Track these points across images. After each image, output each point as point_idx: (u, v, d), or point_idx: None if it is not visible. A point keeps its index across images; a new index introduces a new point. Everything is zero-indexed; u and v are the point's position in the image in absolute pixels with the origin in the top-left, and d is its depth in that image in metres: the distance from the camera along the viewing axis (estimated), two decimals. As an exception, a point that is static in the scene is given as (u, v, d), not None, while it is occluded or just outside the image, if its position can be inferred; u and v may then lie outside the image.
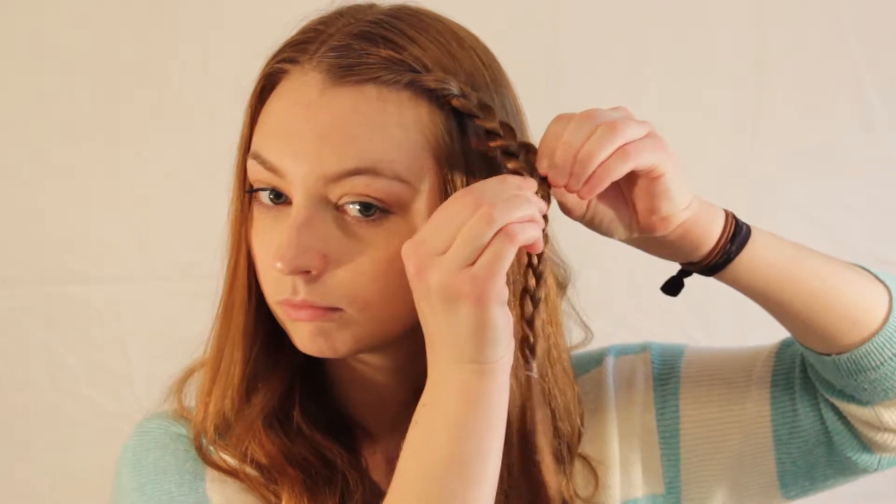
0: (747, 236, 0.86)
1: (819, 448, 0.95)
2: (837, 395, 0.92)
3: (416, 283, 0.76)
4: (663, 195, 0.81)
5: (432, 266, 0.75)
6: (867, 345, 0.88)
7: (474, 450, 0.76)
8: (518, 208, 0.75)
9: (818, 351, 0.90)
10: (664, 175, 0.80)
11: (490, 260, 0.74)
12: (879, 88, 1.54)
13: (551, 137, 0.80)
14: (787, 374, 0.96)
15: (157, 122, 1.53)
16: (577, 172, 0.78)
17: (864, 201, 1.56)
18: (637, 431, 0.98)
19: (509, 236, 0.74)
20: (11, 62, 1.52)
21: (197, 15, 1.53)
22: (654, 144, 0.79)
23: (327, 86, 0.80)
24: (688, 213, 0.83)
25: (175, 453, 0.90)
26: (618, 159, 0.78)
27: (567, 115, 0.81)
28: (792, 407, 0.95)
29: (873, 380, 0.88)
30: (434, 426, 0.77)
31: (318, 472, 0.88)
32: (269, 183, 0.82)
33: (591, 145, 0.78)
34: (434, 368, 0.78)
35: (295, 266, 0.80)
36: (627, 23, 1.55)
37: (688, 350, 1.01)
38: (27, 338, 1.54)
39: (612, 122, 0.78)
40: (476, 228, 0.74)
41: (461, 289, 0.74)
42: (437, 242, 0.75)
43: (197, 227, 1.49)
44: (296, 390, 0.90)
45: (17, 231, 1.54)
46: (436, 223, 0.76)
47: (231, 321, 0.89)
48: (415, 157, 0.80)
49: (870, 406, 0.90)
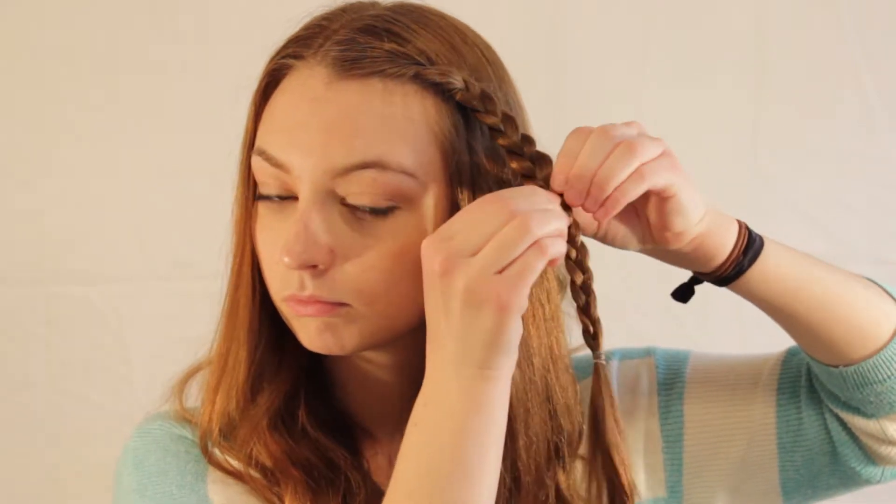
0: (760, 248, 0.86)
1: (823, 458, 0.95)
2: (843, 406, 0.92)
3: (438, 281, 0.75)
4: (676, 212, 0.81)
5: (460, 267, 0.74)
6: (875, 358, 0.88)
7: (477, 453, 0.76)
8: (550, 222, 0.76)
9: (825, 362, 0.90)
10: (677, 194, 0.80)
11: (520, 270, 0.74)
12: (879, 88, 1.54)
13: (567, 155, 0.79)
14: (792, 382, 0.96)
15: (157, 122, 1.53)
16: (594, 194, 0.78)
17: (864, 201, 1.56)
18: (640, 436, 0.98)
19: (541, 249, 0.75)
20: (11, 62, 1.52)
21: (197, 15, 1.53)
22: (668, 164, 0.79)
23: (333, 79, 0.80)
24: (701, 226, 0.83)
25: (176, 455, 0.89)
26: (633, 181, 0.78)
27: (583, 130, 0.80)
28: (797, 416, 0.95)
29: (879, 393, 0.89)
30: (437, 428, 0.77)
31: (321, 473, 0.88)
32: (274, 179, 0.82)
33: (609, 168, 0.77)
34: (435, 368, 0.78)
35: (303, 260, 0.80)
36: (628, 23, 1.55)
37: (692, 356, 1.01)
38: (27, 338, 1.54)
39: (630, 143, 0.78)
40: (511, 237, 0.74)
41: (488, 295, 0.74)
42: (466, 243, 0.75)
43: (197, 227, 1.49)
44: (301, 391, 0.90)
45: (17, 231, 1.54)
46: (464, 223, 0.76)
47: (236, 320, 0.88)
48: (421, 150, 0.80)
49: (875, 419, 0.91)
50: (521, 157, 0.82)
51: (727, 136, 1.56)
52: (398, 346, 0.87)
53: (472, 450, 0.76)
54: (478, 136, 0.82)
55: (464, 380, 0.76)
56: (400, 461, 0.78)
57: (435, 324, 0.77)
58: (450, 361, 0.77)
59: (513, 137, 0.82)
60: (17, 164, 1.53)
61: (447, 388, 0.77)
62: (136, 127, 1.53)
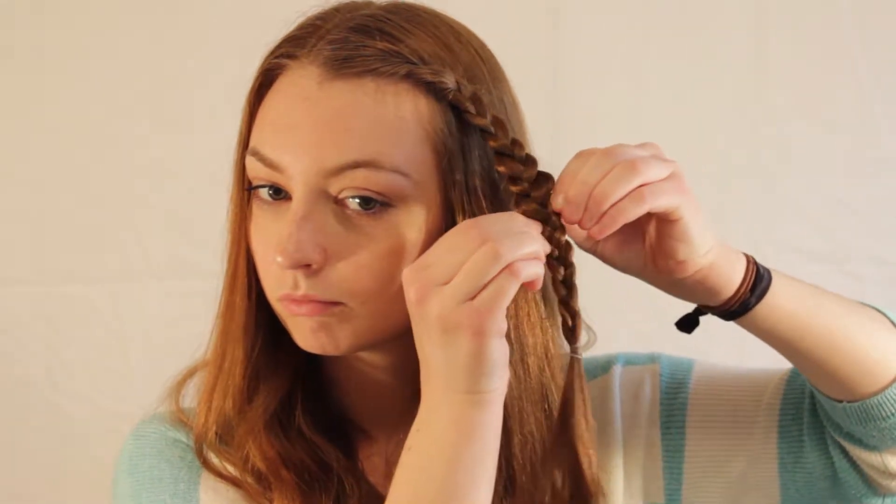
0: (768, 286, 0.84)
1: (824, 482, 0.94)
2: (845, 437, 0.91)
3: (416, 311, 0.76)
4: (680, 239, 0.80)
5: (433, 295, 0.75)
6: (879, 396, 0.87)
7: (468, 479, 0.77)
8: (523, 245, 0.75)
9: (829, 396, 0.89)
10: (682, 219, 0.79)
11: (492, 295, 0.74)
12: (879, 88, 1.54)
13: (569, 174, 0.79)
14: (796, 404, 0.95)
15: (157, 121, 1.53)
16: (591, 209, 0.77)
17: (864, 201, 1.56)
18: (641, 443, 0.98)
19: (513, 273, 0.74)
20: (11, 62, 1.52)
21: (197, 14, 1.53)
22: (674, 187, 0.78)
23: (325, 79, 0.80)
24: (707, 259, 0.82)
25: (170, 461, 0.90)
26: (632, 201, 0.77)
27: (589, 151, 0.79)
28: (799, 437, 0.94)
29: (882, 429, 0.88)
30: (428, 454, 0.77)
31: (314, 475, 0.88)
32: (268, 179, 0.82)
33: (606, 184, 0.76)
34: (428, 394, 0.78)
35: (296, 260, 0.80)
36: (627, 23, 1.55)
37: (697, 367, 1.00)
38: (27, 338, 1.54)
39: (632, 161, 0.77)
40: (481, 263, 0.74)
41: (461, 321, 0.74)
42: (439, 272, 0.75)
43: (196, 227, 1.50)
44: (298, 391, 0.90)
45: (17, 231, 1.54)
46: (439, 252, 0.76)
47: (232, 320, 0.88)
48: (414, 149, 0.80)
49: (877, 451, 0.90)
50: (510, 160, 0.81)
51: (727, 136, 1.56)
52: (394, 347, 0.87)
53: (464, 478, 0.76)
54: (472, 136, 0.82)
55: (454, 405, 0.76)
56: (393, 487, 0.79)
57: (421, 350, 0.78)
58: (438, 388, 0.77)
59: (502, 140, 0.81)
60: (17, 164, 1.53)
61: (438, 414, 0.77)
62: (136, 127, 1.53)
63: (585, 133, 1.53)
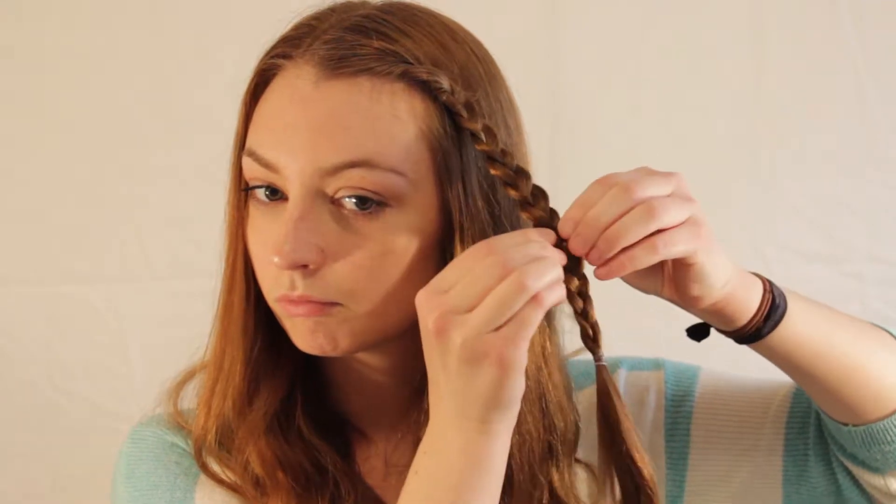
0: (782, 315, 0.84)
1: (827, 498, 0.94)
2: (849, 457, 0.91)
3: (435, 340, 0.73)
4: (696, 279, 0.79)
5: (456, 324, 0.73)
6: (886, 421, 0.87)
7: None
8: (546, 273, 0.73)
9: (835, 418, 0.89)
10: (696, 264, 0.78)
11: (518, 327, 0.72)
12: (879, 88, 1.54)
13: (583, 203, 0.77)
14: (802, 419, 0.95)
15: (156, 121, 1.53)
16: (600, 247, 0.75)
17: (864, 201, 1.56)
18: (644, 449, 0.97)
19: (539, 304, 0.73)
20: (11, 62, 1.52)
21: (196, 14, 1.53)
22: (690, 234, 0.76)
23: (321, 79, 0.80)
24: (722, 293, 0.81)
25: (167, 466, 0.90)
26: (644, 250, 0.75)
27: (610, 180, 0.77)
28: (804, 452, 0.95)
29: (886, 452, 0.88)
30: (435, 481, 0.77)
31: (310, 478, 0.88)
32: (264, 179, 0.82)
33: (622, 226, 0.75)
34: (437, 418, 0.77)
35: (292, 260, 0.80)
36: (627, 23, 1.55)
37: (702, 375, 1.00)
38: (27, 338, 1.54)
39: (651, 206, 0.75)
40: (509, 294, 0.72)
41: (487, 352, 0.72)
42: (461, 300, 0.73)
43: (197, 227, 1.49)
44: (297, 393, 0.90)
45: (17, 231, 1.54)
46: (457, 277, 0.74)
47: (231, 321, 0.88)
48: (410, 148, 0.80)
49: (880, 474, 0.90)
50: (502, 166, 0.81)
51: (727, 136, 1.56)
52: (392, 348, 0.87)
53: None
54: (468, 136, 0.82)
55: (464, 433, 0.75)
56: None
57: (434, 377, 0.76)
58: (450, 414, 0.76)
59: (491, 146, 0.80)
60: (17, 164, 1.53)
61: (447, 441, 0.76)
62: (135, 127, 1.53)
63: (585, 133, 1.53)
